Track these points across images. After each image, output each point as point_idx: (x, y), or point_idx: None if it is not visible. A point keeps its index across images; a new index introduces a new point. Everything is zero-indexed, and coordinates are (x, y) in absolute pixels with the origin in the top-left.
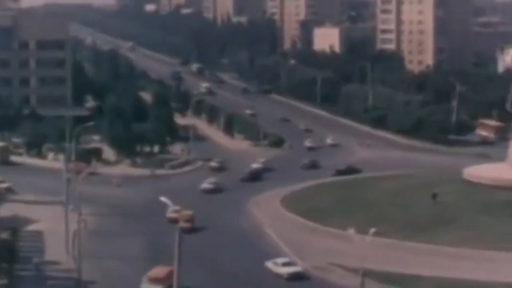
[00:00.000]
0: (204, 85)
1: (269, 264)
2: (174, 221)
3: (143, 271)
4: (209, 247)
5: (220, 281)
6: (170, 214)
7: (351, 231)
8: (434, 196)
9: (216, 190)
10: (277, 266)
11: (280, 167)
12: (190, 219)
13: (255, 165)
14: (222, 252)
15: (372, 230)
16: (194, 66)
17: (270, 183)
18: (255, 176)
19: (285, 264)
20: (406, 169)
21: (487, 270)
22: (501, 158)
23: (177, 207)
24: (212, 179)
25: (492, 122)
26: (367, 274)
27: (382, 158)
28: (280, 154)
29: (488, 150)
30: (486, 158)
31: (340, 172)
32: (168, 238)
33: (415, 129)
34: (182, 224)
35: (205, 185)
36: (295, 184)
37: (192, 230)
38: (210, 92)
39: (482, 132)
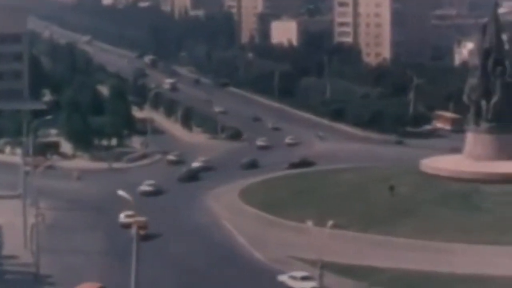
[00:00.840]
0: (168, 81)
1: (285, 278)
2: (127, 226)
3: (101, 265)
4: (167, 247)
5: (182, 277)
6: (123, 219)
7: (309, 223)
8: (391, 188)
9: (154, 192)
10: (295, 281)
11: (222, 165)
12: (144, 226)
13: (195, 164)
14: (180, 248)
15: (330, 222)
16: (148, 58)
17: (206, 184)
18: (193, 176)
19: (304, 279)
20: (364, 162)
21: (444, 261)
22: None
23: (130, 212)
24: (150, 181)
25: (448, 114)
26: (325, 266)
27: (340, 150)
28: (227, 150)
29: (444, 142)
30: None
31: (293, 165)
32: (126, 232)
33: (372, 121)
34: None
35: (144, 187)
36: (233, 183)
37: (147, 237)
38: (174, 88)
39: (439, 124)
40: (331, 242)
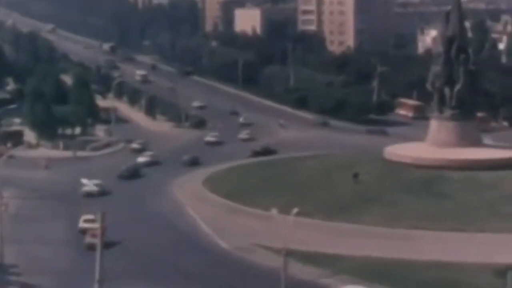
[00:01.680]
0: (139, 73)
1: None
2: (85, 232)
3: (66, 255)
4: (129, 233)
5: (146, 266)
6: (82, 224)
7: (273, 211)
8: (355, 175)
9: (98, 193)
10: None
11: (168, 160)
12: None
13: (140, 159)
14: (143, 236)
15: (295, 210)
16: (107, 45)
17: (148, 181)
18: (135, 173)
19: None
20: (328, 150)
21: (408, 248)
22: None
23: (90, 216)
24: (95, 181)
25: (411, 102)
26: (290, 254)
27: (304, 138)
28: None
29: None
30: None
31: (256, 153)
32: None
33: (336, 109)
34: (90, 239)
35: (87, 188)
36: (174, 180)
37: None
38: (145, 80)
39: (401, 112)
40: (296, 230)
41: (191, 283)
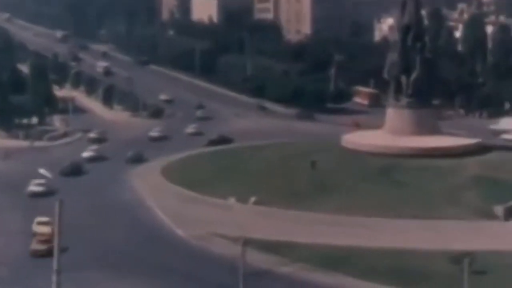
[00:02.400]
0: (101, 65)
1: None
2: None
3: (24, 245)
4: (89, 222)
5: (104, 256)
6: (35, 227)
7: (231, 200)
8: (313, 164)
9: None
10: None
11: (115, 155)
12: (48, 240)
13: (85, 154)
14: (101, 227)
15: (252, 199)
16: (59, 33)
17: (88, 179)
18: (77, 169)
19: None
20: (285, 138)
21: (366, 236)
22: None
23: (44, 219)
24: (40, 180)
25: (367, 90)
26: (248, 243)
27: (261, 127)
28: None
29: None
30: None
31: (212, 142)
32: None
33: (293, 98)
34: (36, 246)
35: (32, 187)
36: (117, 180)
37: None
38: (108, 72)
39: (358, 100)
40: (254, 219)
41: (148, 272)
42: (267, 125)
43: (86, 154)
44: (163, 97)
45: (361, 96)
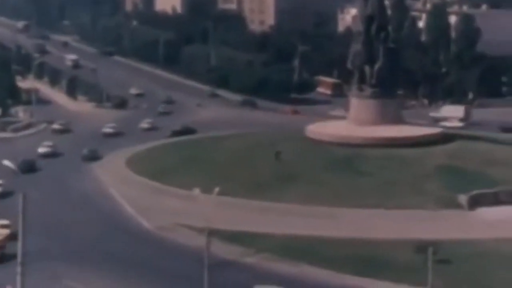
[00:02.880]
0: (69, 58)
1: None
2: None
3: None
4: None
5: (68, 247)
6: None
7: (196, 190)
8: (277, 154)
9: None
10: None
11: (70, 150)
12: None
13: (40, 150)
14: (66, 218)
15: (217, 189)
16: (20, 23)
17: (41, 177)
18: (30, 166)
19: None
20: (249, 128)
21: (330, 226)
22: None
23: (4, 221)
24: None
25: (329, 80)
26: (213, 233)
27: (225, 118)
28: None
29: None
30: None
31: (175, 133)
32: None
33: (257, 88)
34: None
35: None
36: (70, 178)
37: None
38: (76, 65)
39: (321, 89)
40: (218, 209)
41: (113, 263)
42: (235, 115)
43: (41, 149)
44: (133, 91)
45: (324, 86)
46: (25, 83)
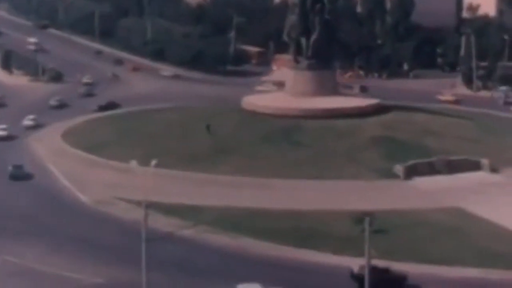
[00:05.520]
0: (31, 41)
1: None
2: None
3: None
4: None
5: (4, 222)
6: None
7: (133, 163)
8: (207, 127)
9: None
10: None
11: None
12: None
13: None
14: (2, 191)
15: (154, 161)
16: None
17: None
18: None
19: None
20: (186, 101)
21: (267, 197)
22: None
23: None
24: None
25: (253, 49)
26: (150, 206)
27: (162, 90)
28: None
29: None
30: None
31: (101, 108)
32: None
33: (194, 61)
34: None
35: None
36: (4, 152)
37: None
38: (39, 49)
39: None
40: (155, 182)
41: (50, 237)
42: (172, 88)
43: None
44: (85, 79)
45: (249, 55)
46: None
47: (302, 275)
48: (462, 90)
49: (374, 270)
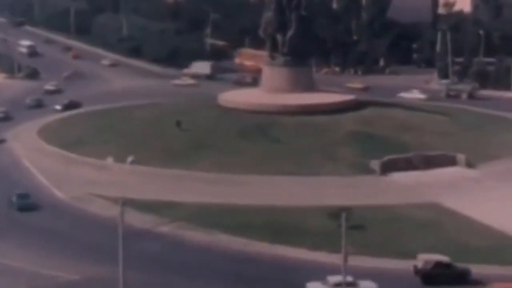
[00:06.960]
0: (25, 44)
1: None
2: None
3: None
4: None
5: None
6: None
7: (109, 160)
8: (178, 123)
9: None
10: None
11: None
12: None
13: None
14: None
15: (130, 158)
16: None
17: None
18: None
19: None
20: (162, 98)
21: (243, 194)
22: None
23: None
24: None
25: (220, 43)
26: (126, 203)
27: (138, 87)
28: None
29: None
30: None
31: (66, 107)
32: None
33: (170, 57)
34: None
35: None
36: None
37: None
38: (33, 53)
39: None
40: (132, 178)
41: (26, 234)
42: (147, 85)
43: None
44: (65, 74)
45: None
46: None
47: (277, 271)
48: (437, 85)
49: (438, 265)
